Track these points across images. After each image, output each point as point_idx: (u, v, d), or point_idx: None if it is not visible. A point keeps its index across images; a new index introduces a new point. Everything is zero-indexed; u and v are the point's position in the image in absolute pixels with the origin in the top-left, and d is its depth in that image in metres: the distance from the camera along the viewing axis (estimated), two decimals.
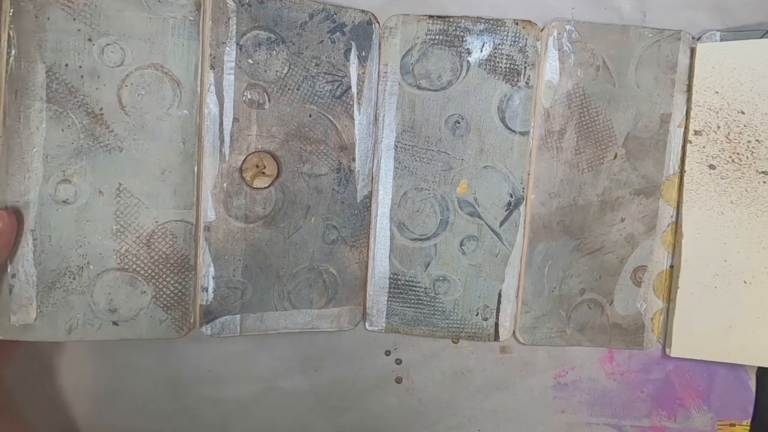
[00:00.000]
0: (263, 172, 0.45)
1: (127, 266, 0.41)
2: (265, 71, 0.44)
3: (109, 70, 0.39)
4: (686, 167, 0.51)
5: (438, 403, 0.51)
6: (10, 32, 0.37)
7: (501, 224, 0.52)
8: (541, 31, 0.50)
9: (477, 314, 0.52)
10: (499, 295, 0.52)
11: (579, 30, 0.50)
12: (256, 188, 0.45)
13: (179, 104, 0.42)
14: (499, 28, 0.50)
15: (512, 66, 0.50)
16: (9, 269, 0.39)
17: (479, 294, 0.52)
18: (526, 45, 0.50)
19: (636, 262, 0.53)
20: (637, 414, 0.54)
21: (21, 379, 0.46)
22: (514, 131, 0.51)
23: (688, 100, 0.51)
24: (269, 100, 0.45)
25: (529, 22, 0.50)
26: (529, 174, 0.51)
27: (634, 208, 0.52)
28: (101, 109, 0.39)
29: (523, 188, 0.51)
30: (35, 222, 0.39)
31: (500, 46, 0.50)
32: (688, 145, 0.51)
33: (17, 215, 0.38)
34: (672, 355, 0.52)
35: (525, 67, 0.50)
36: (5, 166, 0.38)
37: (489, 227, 0.52)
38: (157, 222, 0.42)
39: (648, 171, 0.52)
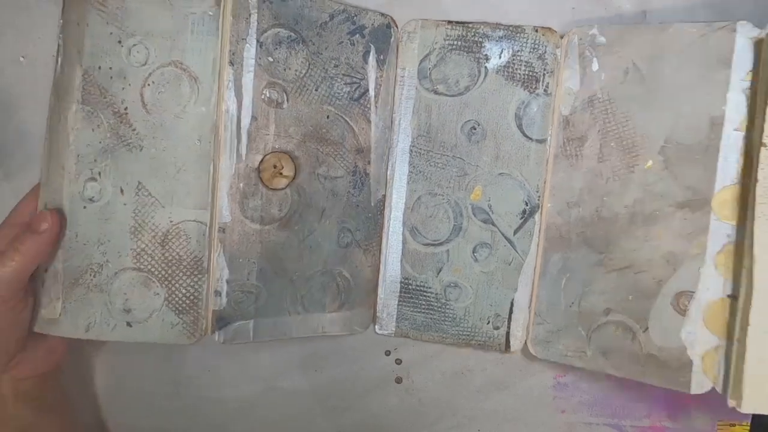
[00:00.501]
0: (281, 173, 0.34)
1: (142, 266, 0.32)
2: (285, 70, 0.34)
3: (134, 70, 0.31)
4: (759, 176, 0.32)
5: (438, 403, 0.40)
6: (60, 41, 0.30)
7: (515, 232, 0.37)
8: (561, 38, 0.36)
9: (488, 322, 0.38)
10: (512, 304, 0.38)
11: (605, 34, 0.36)
12: (273, 189, 0.34)
13: (196, 101, 0.32)
14: (518, 35, 0.36)
15: (531, 73, 0.36)
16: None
17: (491, 302, 0.38)
18: (545, 52, 0.36)
19: (678, 285, 0.35)
20: (637, 414, 0.39)
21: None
22: (530, 138, 0.37)
23: (753, 100, 0.33)
24: (288, 100, 0.34)
25: (549, 29, 0.36)
26: (545, 182, 0.37)
27: (676, 224, 0.35)
28: (126, 108, 0.31)
29: (539, 196, 0.37)
30: (66, 219, 0.31)
31: (519, 53, 0.36)
32: (762, 150, 0.32)
33: (60, 216, 0.30)
34: (743, 410, 0.32)
35: (544, 75, 0.36)
36: (47, 165, 0.31)
37: (502, 235, 0.37)
38: (171, 222, 0.32)
39: (694, 181, 0.35)
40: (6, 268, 0.27)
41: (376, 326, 0.39)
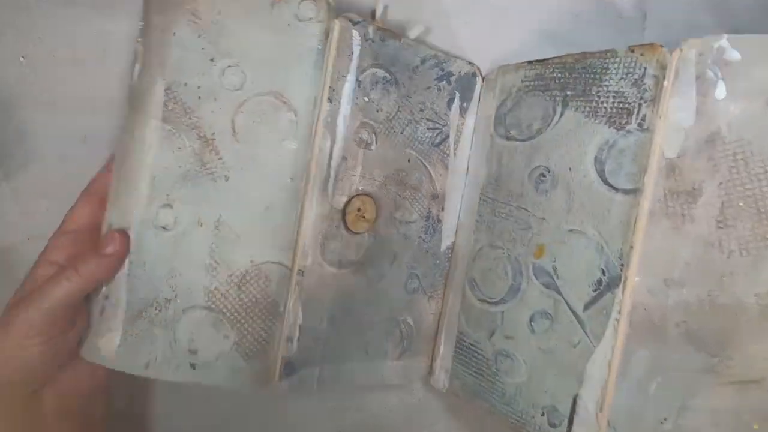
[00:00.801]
0: (363, 216, 0.29)
1: (213, 306, 0.26)
2: (377, 111, 0.29)
3: (227, 93, 0.25)
4: None
5: (438, 403, 0.36)
6: (138, 46, 0.24)
7: (586, 307, 0.26)
8: (671, 53, 0.24)
9: (542, 414, 0.27)
10: (575, 401, 0.26)
11: (740, 47, 0.22)
12: (354, 233, 0.29)
13: (292, 137, 0.26)
14: (606, 60, 0.26)
15: (621, 105, 0.26)
16: (103, 289, 0.25)
17: (547, 389, 0.27)
18: (643, 75, 0.25)
19: None
20: None
21: None
22: (615, 188, 0.26)
23: None
24: (377, 141, 0.29)
25: (651, 45, 0.25)
26: (632, 247, 0.25)
27: None
28: (213, 133, 0.25)
29: (622, 265, 0.25)
30: (133, 245, 0.25)
31: (605, 82, 0.26)
32: None
33: (128, 240, 0.24)
34: None
35: (640, 105, 0.25)
36: (117, 182, 0.25)
37: (569, 307, 0.27)
38: (252, 262, 0.26)
39: None
40: (59, 287, 0.22)
41: (431, 378, 0.33)
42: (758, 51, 0.22)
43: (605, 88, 0.26)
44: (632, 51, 0.25)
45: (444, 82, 0.32)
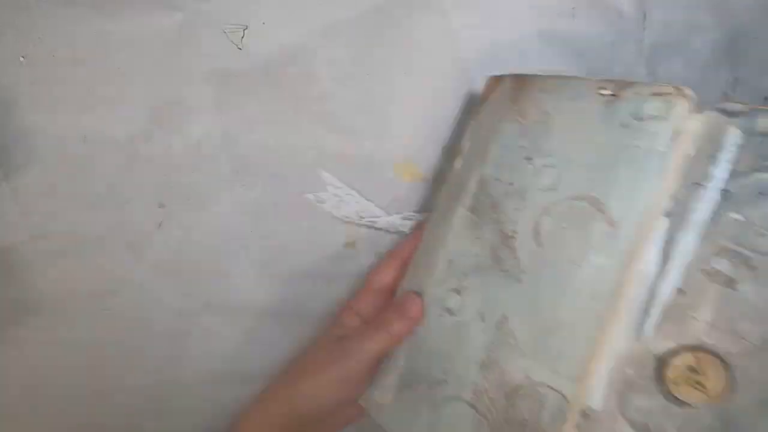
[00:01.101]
0: (699, 382, 0.19)
1: (478, 406, 0.22)
2: (759, 236, 0.19)
3: (537, 193, 0.22)
4: None
5: None
6: (465, 141, 0.26)
7: None
8: None
9: None
10: None
11: None
12: (678, 400, 0.19)
13: (604, 251, 0.21)
14: None
15: None
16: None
17: None
18: None
19: None
20: None
21: None
22: None
23: None
24: (751, 280, 0.18)
25: None
26: None
27: None
28: (514, 231, 0.23)
29: None
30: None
31: None
32: None
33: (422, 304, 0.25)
34: None
35: None
36: (421, 254, 0.26)
37: None
38: (528, 378, 0.21)
39: None
40: (372, 343, 0.24)
41: None
42: None
43: None
44: None
45: None
